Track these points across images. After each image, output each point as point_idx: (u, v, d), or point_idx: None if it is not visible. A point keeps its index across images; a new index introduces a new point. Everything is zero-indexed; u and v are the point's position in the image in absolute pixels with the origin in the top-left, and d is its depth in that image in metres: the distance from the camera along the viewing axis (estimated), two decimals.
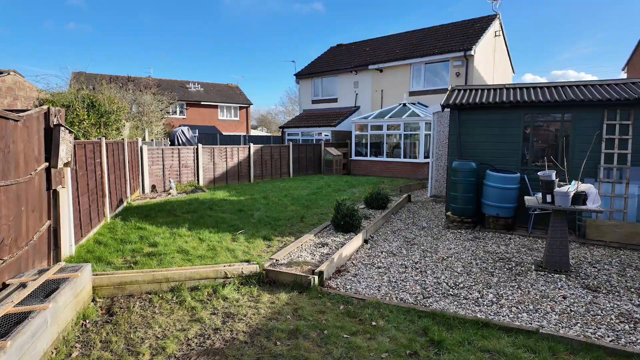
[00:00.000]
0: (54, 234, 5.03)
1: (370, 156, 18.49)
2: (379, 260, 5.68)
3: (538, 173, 5.13)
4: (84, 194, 6.20)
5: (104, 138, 7.28)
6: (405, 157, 17.18)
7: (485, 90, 8.12)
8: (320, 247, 5.96)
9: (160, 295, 4.45)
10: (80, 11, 73.62)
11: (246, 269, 4.87)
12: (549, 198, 4.98)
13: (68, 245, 5.28)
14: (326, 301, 4.22)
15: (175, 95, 25.35)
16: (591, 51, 68.30)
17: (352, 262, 5.57)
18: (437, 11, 78.38)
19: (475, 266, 5.35)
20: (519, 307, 4.07)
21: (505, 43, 22.45)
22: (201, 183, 13.18)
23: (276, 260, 5.28)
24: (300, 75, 24.52)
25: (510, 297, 4.31)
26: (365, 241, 6.54)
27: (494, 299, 4.27)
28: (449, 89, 8.49)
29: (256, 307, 4.11)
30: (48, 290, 3.77)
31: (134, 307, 4.17)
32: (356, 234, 6.70)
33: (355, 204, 8.95)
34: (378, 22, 78.52)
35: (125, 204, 9.41)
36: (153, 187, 12.07)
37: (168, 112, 26.21)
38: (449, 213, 7.58)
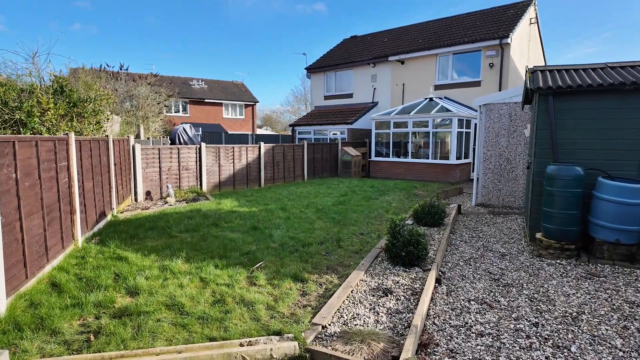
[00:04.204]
0: None
1: (392, 156, 16.53)
2: (472, 317, 3.71)
3: None
4: (34, 214, 4.28)
5: (72, 133, 5.36)
6: (434, 157, 15.22)
7: (580, 71, 6.12)
8: (381, 297, 3.99)
9: None
10: (86, 12, 71.76)
11: (277, 351, 2.91)
12: None
13: None
14: None
15: (176, 88, 23.40)
16: (596, 51, 66.05)
17: (433, 322, 3.62)
18: (441, 10, 75.71)
19: None
20: None
21: (539, 31, 20.37)
22: (204, 188, 11.25)
23: (322, 327, 3.32)
24: (311, 69, 22.58)
25: None
26: (438, 280, 4.57)
27: None
28: (527, 69, 6.51)
29: None
30: None
31: None
32: (423, 270, 4.74)
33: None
34: (381, 22, 76.32)
35: (109, 217, 7.51)
36: (148, 194, 10.16)
37: (167, 106, 24.22)
38: (539, 235, 5.60)
